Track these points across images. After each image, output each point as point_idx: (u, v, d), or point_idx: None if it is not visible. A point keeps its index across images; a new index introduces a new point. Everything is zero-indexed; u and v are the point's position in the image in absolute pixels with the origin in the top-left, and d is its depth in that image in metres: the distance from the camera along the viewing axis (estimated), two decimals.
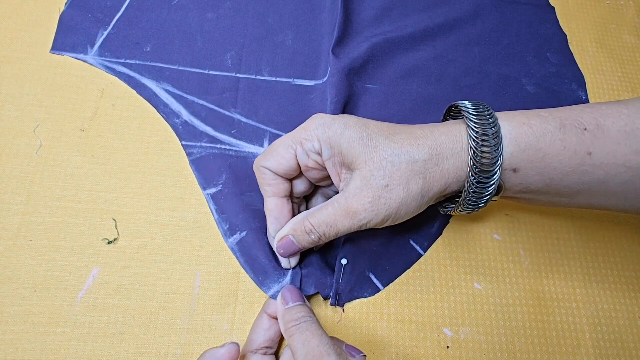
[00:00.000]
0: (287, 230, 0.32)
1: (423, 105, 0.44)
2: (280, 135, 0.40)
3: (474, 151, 0.29)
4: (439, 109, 0.43)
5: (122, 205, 0.37)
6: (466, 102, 0.32)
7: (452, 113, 0.35)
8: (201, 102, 0.41)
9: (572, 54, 0.49)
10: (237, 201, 0.37)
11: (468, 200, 0.31)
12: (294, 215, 0.34)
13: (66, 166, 0.38)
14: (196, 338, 0.33)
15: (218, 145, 0.40)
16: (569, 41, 0.49)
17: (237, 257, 0.36)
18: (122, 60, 0.43)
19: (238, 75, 0.43)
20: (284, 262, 0.34)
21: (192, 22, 0.45)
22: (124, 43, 0.43)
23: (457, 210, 0.32)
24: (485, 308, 0.37)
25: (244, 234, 0.36)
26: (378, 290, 0.36)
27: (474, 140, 0.29)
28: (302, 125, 0.31)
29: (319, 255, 0.36)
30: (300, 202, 0.36)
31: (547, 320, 0.36)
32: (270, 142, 0.40)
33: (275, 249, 0.33)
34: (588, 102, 0.46)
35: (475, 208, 0.31)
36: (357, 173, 0.29)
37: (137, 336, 0.33)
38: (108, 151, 0.39)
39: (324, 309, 0.35)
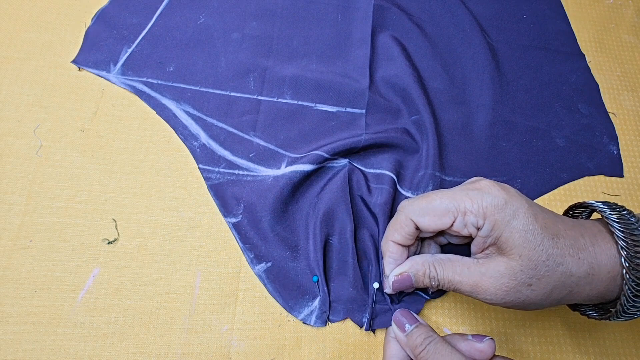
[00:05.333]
0: (408, 267, 0.31)
1: (450, 153, 0.42)
2: (297, 159, 0.39)
3: (629, 277, 0.28)
4: (464, 158, 0.42)
5: (122, 206, 0.37)
6: (607, 210, 0.30)
7: (578, 209, 0.33)
8: (221, 124, 0.41)
9: (604, 105, 0.46)
10: (257, 230, 0.37)
11: (623, 314, 0.29)
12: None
13: (66, 166, 0.38)
14: (196, 338, 0.33)
15: (236, 172, 0.39)
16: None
17: (264, 285, 0.36)
18: (144, 79, 0.42)
19: (260, 97, 0.42)
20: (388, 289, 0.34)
21: (217, 42, 0.45)
22: (147, 62, 0.43)
23: (611, 320, 0.30)
24: (485, 307, 0.37)
25: (269, 264, 0.36)
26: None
27: (630, 267, 0.27)
28: (471, 193, 0.29)
29: (347, 281, 0.35)
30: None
31: (547, 319, 0.36)
32: (288, 165, 0.39)
33: (389, 283, 0.32)
34: (619, 156, 0.44)
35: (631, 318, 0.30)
36: (505, 260, 0.28)
37: (138, 336, 0.33)
38: (108, 151, 0.39)
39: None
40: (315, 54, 0.45)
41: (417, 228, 0.31)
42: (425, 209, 0.30)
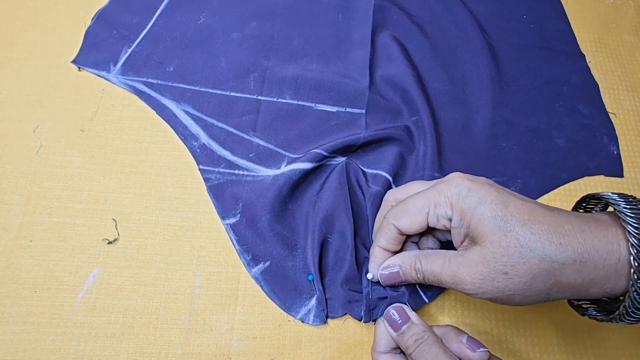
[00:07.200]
0: (397, 261, 0.32)
1: (450, 154, 0.42)
2: (297, 159, 0.39)
3: (637, 278, 0.26)
4: (464, 158, 0.42)
5: (122, 206, 0.37)
6: (616, 196, 0.28)
7: (592, 201, 0.32)
8: (220, 124, 0.41)
9: (604, 105, 0.46)
10: (256, 229, 0.37)
11: (628, 316, 0.27)
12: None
13: (66, 166, 0.38)
14: (196, 338, 0.34)
15: (236, 172, 0.39)
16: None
17: (261, 287, 0.35)
18: (144, 80, 0.42)
19: (260, 97, 0.42)
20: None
21: (217, 42, 0.45)
22: (147, 62, 0.43)
23: (614, 322, 0.29)
24: (485, 307, 0.37)
25: (267, 264, 0.36)
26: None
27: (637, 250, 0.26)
28: (438, 186, 0.31)
29: (344, 277, 0.35)
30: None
31: (547, 320, 0.37)
32: (287, 165, 0.39)
33: (378, 276, 0.33)
34: (619, 156, 0.44)
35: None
36: (478, 248, 0.28)
37: (138, 336, 0.33)
38: (108, 151, 0.39)
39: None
40: (315, 54, 0.45)
41: (401, 232, 0.32)
42: (402, 212, 0.32)
